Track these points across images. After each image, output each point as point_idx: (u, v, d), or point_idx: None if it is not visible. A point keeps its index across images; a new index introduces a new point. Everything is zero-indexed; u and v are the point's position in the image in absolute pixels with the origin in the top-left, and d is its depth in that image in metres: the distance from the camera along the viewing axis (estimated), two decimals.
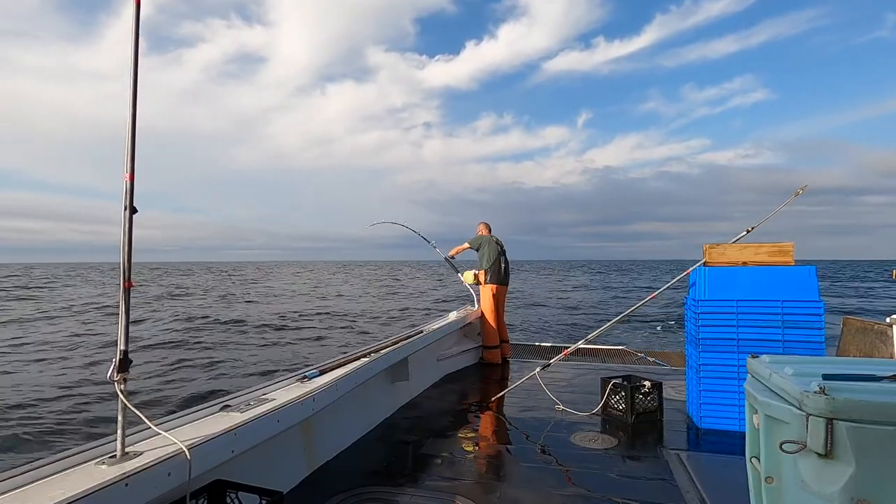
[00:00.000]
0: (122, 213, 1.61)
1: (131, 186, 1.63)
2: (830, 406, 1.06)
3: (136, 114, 1.64)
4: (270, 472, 2.27)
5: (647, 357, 6.25)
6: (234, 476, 1.85)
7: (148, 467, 1.55)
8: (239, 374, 9.54)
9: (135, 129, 1.63)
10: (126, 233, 1.61)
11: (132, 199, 1.63)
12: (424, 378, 4.43)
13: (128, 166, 1.63)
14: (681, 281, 3.81)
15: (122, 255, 1.60)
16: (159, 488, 1.57)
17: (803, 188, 3.59)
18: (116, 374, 1.60)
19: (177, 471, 1.63)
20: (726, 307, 3.27)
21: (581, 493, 2.36)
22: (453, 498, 2.30)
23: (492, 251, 5.67)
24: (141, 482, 1.51)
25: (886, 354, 4.59)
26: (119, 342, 1.61)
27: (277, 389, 2.52)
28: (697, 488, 2.37)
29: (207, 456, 1.78)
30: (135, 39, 1.64)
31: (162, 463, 1.59)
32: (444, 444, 3.04)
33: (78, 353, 11.49)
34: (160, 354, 11.36)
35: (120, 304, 1.61)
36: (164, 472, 1.59)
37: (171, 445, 1.68)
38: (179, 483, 1.63)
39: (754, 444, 1.37)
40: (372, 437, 3.16)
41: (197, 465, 1.69)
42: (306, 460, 2.58)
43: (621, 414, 3.42)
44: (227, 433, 1.89)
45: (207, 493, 1.72)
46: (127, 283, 1.61)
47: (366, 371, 3.11)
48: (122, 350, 1.61)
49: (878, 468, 1.04)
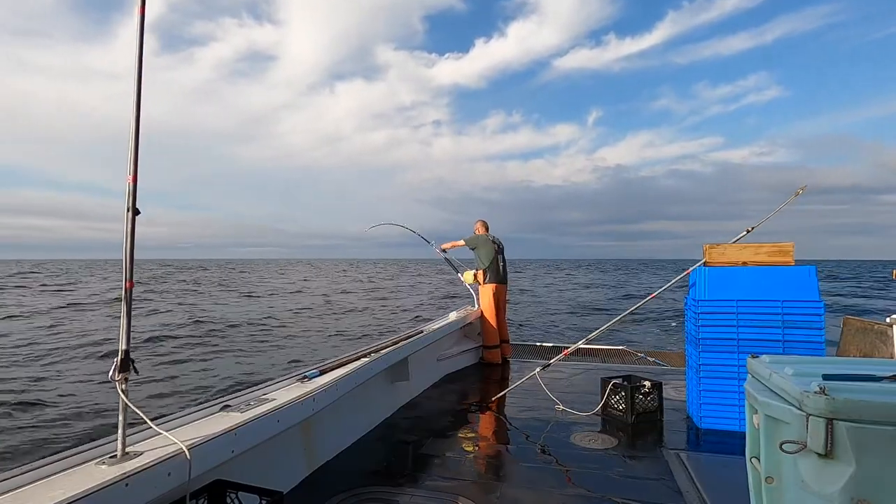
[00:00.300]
0: (125, 214, 1.61)
1: (134, 188, 1.63)
2: (830, 406, 1.06)
3: (140, 118, 1.64)
4: (270, 472, 2.27)
5: (647, 357, 6.26)
6: (234, 476, 1.85)
7: (148, 467, 1.55)
8: (239, 373, 9.54)
9: (138, 133, 1.63)
10: (128, 234, 1.61)
11: (135, 200, 1.63)
12: (424, 378, 4.43)
13: (131, 168, 1.63)
14: (681, 281, 3.81)
15: (125, 255, 1.60)
16: (159, 488, 1.57)
17: (803, 188, 3.60)
18: (118, 373, 1.60)
19: (177, 471, 1.63)
20: (726, 307, 3.27)
21: (581, 493, 2.36)
22: (453, 498, 2.30)
23: (489, 250, 5.66)
24: (141, 482, 1.51)
25: (886, 354, 4.59)
26: (120, 342, 1.61)
27: (277, 389, 2.52)
28: (697, 488, 2.37)
29: (207, 456, 1.78)
30: (139, 46, 1.64)
31: (162, 463, 1.60)
32: (444, 444, 3.04)
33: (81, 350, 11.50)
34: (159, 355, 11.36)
35: (122, 305, 1.61)
36: (165, 472, 1.60)
37: (171, 445, 1.69)
38: (179, 483, 1.63)
39: (754, 444, 1.37)
40: (372, 437, 3.16)
41: (197, 465, 1.69)
42: (306, 460, 2.58)
43: (621, 414, 3.42)
44: (227, 433, 1.89)
45: (207, 493, 1.72)
46: (129, 283, 1.61)
47: (366, 371, 3.11)
48: (124, 350, 1.61)
49: (878, 468, 1.04)
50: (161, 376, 9.09)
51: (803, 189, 3.60)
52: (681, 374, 4.46)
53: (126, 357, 1.61)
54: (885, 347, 4.65)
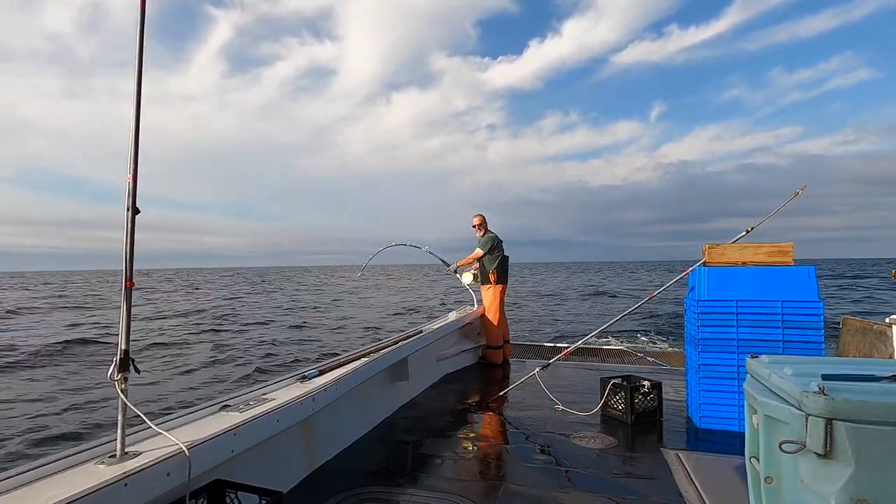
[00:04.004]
0: (125, 213, 1.61)
1: (134, 187, 1.62)
2: (830, 406, 1.07)
3: (140, 116, 1.63)
4: (270, 472, 2.27)
5: (646, 357, 6.26)
6: (234, 476, 1.85)
7: (147, 467, 1.55)
8: (239, 373, 9.54)
9: (138, 132, 1.63)
10: (128, 233, 1.60)
11: (135, 199, 1.62)
12: (424, 378, 4.43)
13: (130, 167, 1.62)
14: (681, 281, 3.81)
15: (125, 255, 1.60)
16: (159, 488, 1.57)
17: (802, 188, 3.60)
18: (117, 373, 1.60)
19: (176, 471, 1.63)
20: (726, 307, 3.27)
21: (581, 493, 2.36)
22: (453, 498, 2.30)
23: (497, 250, 5.57)
24: (141, 482, 1.51)
25: (886, 355, 4.59)
26: (119, 342, 1.61)
27: (277, 389, 2.52)
28: (696, 488, 2.37)
29: (207, 456, 1.78)
30: (139, 43, 1.63)
31: (161, 463, 1.59)
32: (444, 444, 3.04)
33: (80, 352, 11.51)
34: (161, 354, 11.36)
35: (121, 304, 1.61)
36: (164, 472, 1.59)
37: (170, 445, 1.68)
38: (179, 483, 1.63)
39: (754, 444, 1.37)
40: (372, 437, 3.16)
41: (196, 465, 1.69)
42: (306, 460, 2.58)
43: (621, 414, 3.42)
44: (226, 433, 1.89)
45: (207, 493, 1.72)
46: (129, 282, 1.60)
47: (365, 371, 3.11)
48: (123, 349, 1.61)
49: (877, 468, 1.04)
50: (160, 377, 9.09)
51: (803, 189, 3.60)
52: (680, 375, 4.46)
53: (125, 356, 1.61)
54: (885, 347, 4.66)
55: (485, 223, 5.73)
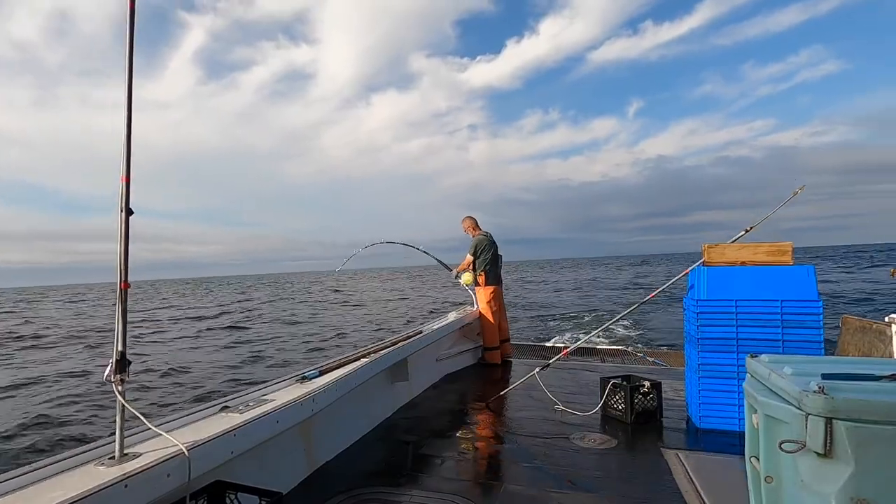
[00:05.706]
0: (118, 214, 1.61)
1: (127, 189, 1.62)
2: (829, 405, 1.06)
3: (131, 118, 1.63)
4: (270, 472, 2.27)
5: (646, 357, 6.26)
6: (234, 477, 1.85)
7: (147, 468, 1.55)
8: (240, 373, 9.53)
9: (130, 133, 1.62)
10: (122, 235, 1.60)
11: (128, 201, 1.62)
12: (424, 378, 4.43)
13: (123, 168, 1.62)
14: (680, 281, 3.81)
15: (119, 256, 1.60)
16: (159, 489, 1.57)
17: (801, 188, 3.61)
18: (114, 374, 1.60)
19: (176, 472, 1.63)
20: (725, 307, 3.27)
21: (580, 493, 2.36)
22: (453, 498, 2.30)
23: (487, 252, 5.62)
24: (140, 483, 1.51)
25: (885, 354, 4.59)
26: (116, 343, 1.61)
27: (277, 390, 2.52)
28: (696, 488, 2.37)
29: (207, 457, 1.77)
30: (129, 44, 1.63)
31: (161, 464, 1.59)
32: (444, 444, 3.04)
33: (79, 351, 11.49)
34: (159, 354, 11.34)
35: (117, 306, 1.60)
36: (164, 473, 1.59)
37: (170, 446, 1.68)
38: (179, 484, 1.63)
39: (754, 444, 1.37)
40: (372, 437, 3.16)
41: (196, 466, 1.69)
42: (306, 461, 2.57)
43: (621, 414, 3.42)
44: (226, 434, 1.89)
45: (207, 493, 1.72)
46: (123, 284, 1.60)
47: (365, 371, 3.11)
48: (120, 351, 1.60)
49: (877, 468, 1.04)
50: (161, 377, 9.07)
51: (801, 189, 3.61)
52: (680, 374, 4.46)
53: (122, 358, 1.60)
54: (884, 346, 4.66)
55: (474, 225, 5.79)
